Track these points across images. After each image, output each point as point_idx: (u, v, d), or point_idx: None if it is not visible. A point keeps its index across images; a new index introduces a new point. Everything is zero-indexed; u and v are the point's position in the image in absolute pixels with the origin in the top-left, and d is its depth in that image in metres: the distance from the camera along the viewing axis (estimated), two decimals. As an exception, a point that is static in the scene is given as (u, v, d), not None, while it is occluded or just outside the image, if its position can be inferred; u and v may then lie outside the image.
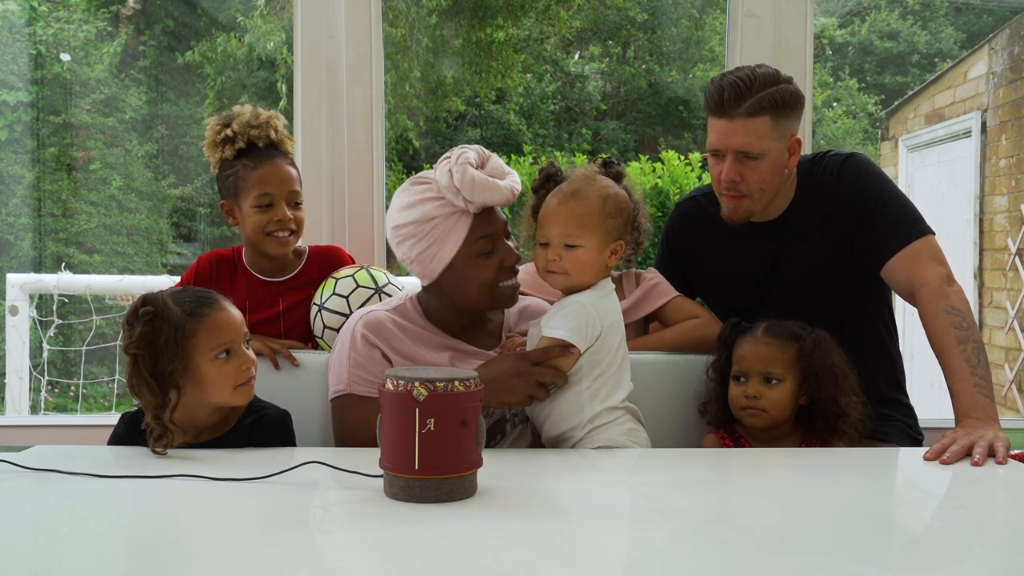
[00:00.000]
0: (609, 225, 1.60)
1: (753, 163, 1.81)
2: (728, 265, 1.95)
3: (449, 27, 8.63)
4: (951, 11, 10.73)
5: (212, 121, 1.94)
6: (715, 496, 1.32)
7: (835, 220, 1.87)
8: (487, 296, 1.64)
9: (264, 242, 1.93)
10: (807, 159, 1.95)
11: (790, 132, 1.84)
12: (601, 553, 1.06)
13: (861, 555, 1.04)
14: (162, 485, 1.29)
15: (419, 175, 1.64)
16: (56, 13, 7.29)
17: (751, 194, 1.84)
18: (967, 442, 1.48)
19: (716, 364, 1.79)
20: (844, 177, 1.88)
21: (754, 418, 1.70)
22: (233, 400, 1.53)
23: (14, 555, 1.03)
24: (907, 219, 1.84)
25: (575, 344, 1.55)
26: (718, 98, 1.80)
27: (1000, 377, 5.09)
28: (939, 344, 1.71)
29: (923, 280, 1.77)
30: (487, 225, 1.61)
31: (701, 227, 1.99)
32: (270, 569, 0.99)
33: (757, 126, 1.78)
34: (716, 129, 1.82)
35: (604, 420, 1.59)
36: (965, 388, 1.63)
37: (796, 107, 1.83)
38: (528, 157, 6.27)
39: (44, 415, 4.39)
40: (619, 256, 1.64)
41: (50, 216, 7.07)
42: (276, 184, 1.91)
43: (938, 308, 1.72)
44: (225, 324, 1.52)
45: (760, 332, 1.73)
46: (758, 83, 1.78)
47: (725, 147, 1.81)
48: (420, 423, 1.17)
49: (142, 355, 1.46)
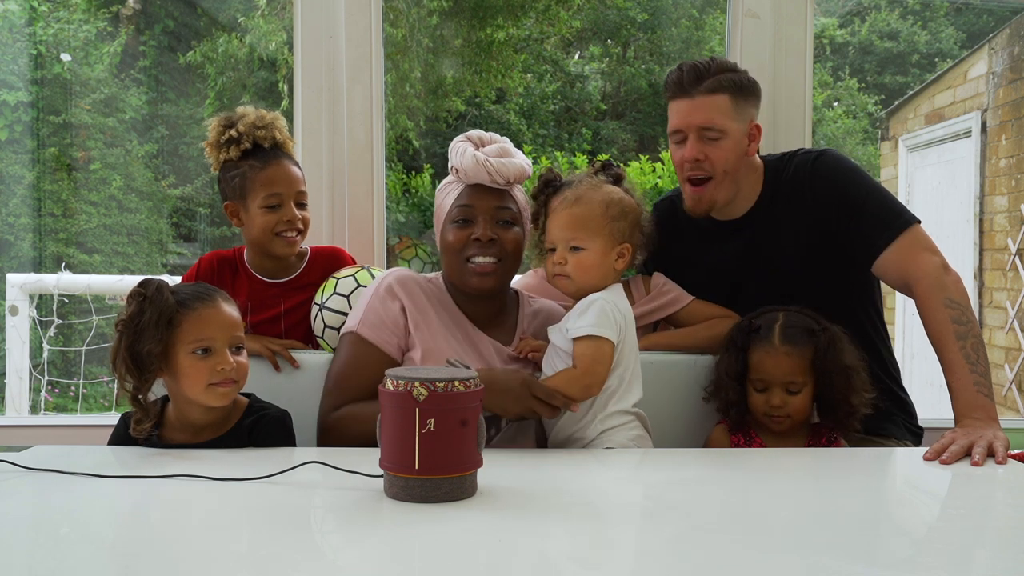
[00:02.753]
0: (613, 228, 1.62)
1: (715, 143, 1.84)
2: (701, 264, 1.96)
3: (449, 27, 8.62)
4: (951, 11, 10.73)
5: (214, 122, 1.94)
6: (716, 496, 1.32)
7: (811, 218, 1.87)
8: (456, 268, 1.71)
9: (272, 243, 1.93)
10: (775, 158, 1.97)
11: (749, 117, 1.88)
12: (602, 553, 1.06)
13: (861, 555, 1.04)
14: (162, 485, 1.29)
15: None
16: (56, 13, 7.29)
17: (715, 174, 1.86)
18: (966, 442, 1.48)
19: (731, 367, 1.75)
20: (819, 173, 1.89)
21: (779, 424, 1.72)
22: (206, 399, 1.51)
23: (14, 555, 1.03)
24: (891, 211, 1.84)
25: (607, 337, 1.56)
26: (678, 79, 1.87)
27: (1000, 377, 5.09)
28: (938, 339, 1.70)
29: (919, 272, 1.76)
30: (471, 197, 1.71)
31: (675, 227, 2.00)
32: (270, 569, 0.99)
33: (718, 103, 1.83)
34: (677, 110, 1.88)
35: (614, 423, 1.59)
36: (965, 386, 1.63)
37: (753, 93, 1.89)
38: (528, 157, 6.27)
39: (44, 415, 4.39)
40: (627, 260, 1.66)
41: (50, 216, 7.07)
42: (284, 184, 1.92)
43: (937, 301, 1.72)
44: (210, 321, 1.51)
45: (777, 339, 1.70)
46: (716, 66, 1.86)
47: (687, 125, 1.85)
48: (420, 423, 1.17)
49: (126, 332, 1.49)
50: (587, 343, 1.56)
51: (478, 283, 1.70)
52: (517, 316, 1.81)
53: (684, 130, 1.86)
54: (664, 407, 1.84)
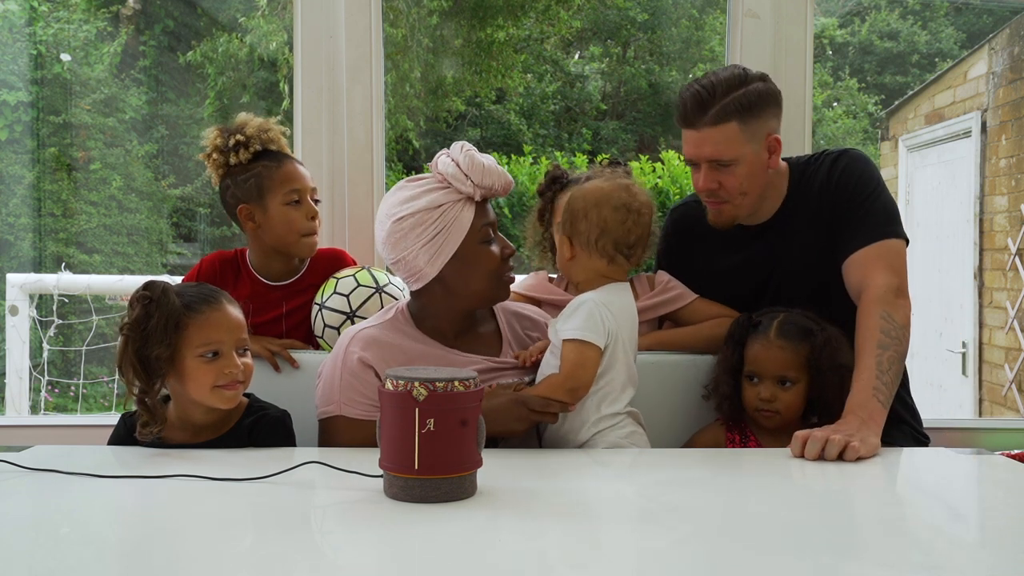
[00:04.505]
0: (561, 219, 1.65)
1: (727, 169, 1.79)
2: (723, 269, 1.95)
3: (449, 27, 8.63)
4: (951, 11, 10.73)
5: (213, 132, 1.93)
6: (716, 496, 1.32)
7: (824, 213, 1.86)
8: (492, 286, 1.65)
9: (296, 242, 1.93)
10: (802, 160, 1.94)
11: (765, 132, 1.80)
12: (602, 553, 1.06)
13: (861, 555, 1.04)
14: (162, 485, 1.29)
15: (408, 179, 1.64)
16: (56, 13, 7.30)
17: (731, 199, 1.83)
18: (823, 435, 1.47)
19: (727, 361, 1.78)
20: (836, 168, 1.87)
21: (768, 419, 1.72)
22: (211, 400, 1.51)
23: (14, 555, 1.03)
24: (881, 219, 1.81)
25: (593, 342, 1.55)
26: (683, 110, 1.80)
27: (1000, 377, 5.09)
28: (860, 345, 1.67)
29: (871, 283, 1.74)
30: (487, 214, 1.63)
31: (695, 232, 1.98)
32: (270, 569, 0.99)
33: (725, 133, 1.76)
34: (687, 140, 1.82)
35: (607, 424, 1.59)
36: (863, 387, 1.60)
37: (767, 106, 1.80)
38: (528, 157, 6.27)
39: (44, 415, 4.39)
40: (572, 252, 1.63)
41: (50, 216, 7.08)
42: (301, 181, 1.94)
43: (874, 311, 1.69)
44: (217, 325, 1.51)
45: (773, 333, 1.73)
46: (720, 90, 1.76)
47: (697, 157, 1.81)
48: (420, 423, 1.17)
49: (132, 336, 1.48)
50: (572, 346, 1.56)
51: (507, 294, 1.69)
52: (496, 322, 1.77)
53: (695, 160, 1.83)
54: (664, 407, 1.84)
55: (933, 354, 5.66)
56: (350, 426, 1.59)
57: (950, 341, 5.51)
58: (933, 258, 5.71)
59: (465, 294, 1.65)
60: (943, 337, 5.60)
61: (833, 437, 1.46)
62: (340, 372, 1.61)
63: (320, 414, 1.63)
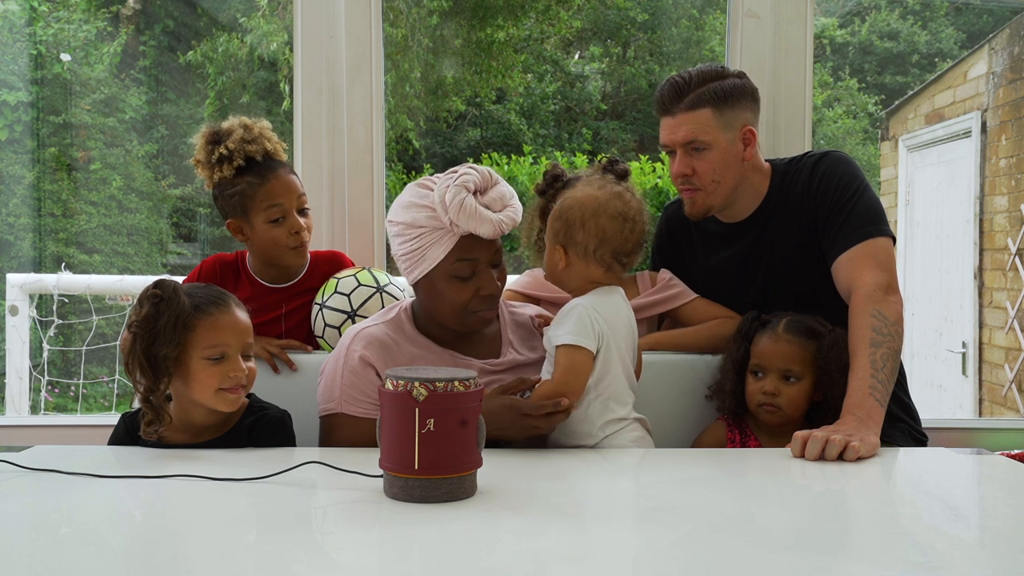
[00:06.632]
0: (553, 229, 1.63)
1: (701, 155, 1.85)
2: (709, 267, 1.97)
3: (449, 27, 8.63)
4: (951, 11, 10.73)
5: (199, 140, 1.90)
6: (716, 496, 1.32)
7: (807, 216, 1.87)
8: (457, 319, 1.62)
9: (284, 256, 1.93)
10: (784, 162, 1.96)
11: (740, 123, 1.86)
12: (602, 553, 1.06)
13: (861, 555, 1.04)
14: (162, 485, 1.29)
15: (427, 178, 1.62)
16: (56, 13, 7.30)
17: (704, 187, 1.87)
18: (823, 435, 1.47)
19: (734, 356, 1.79)
20: (817, 172, 1.88)
21: (770, 415, 1.72)
22: (214, 403, 1.51)
23: (14, 555, 1.03)
24: (866, 218, 1.82)
25: (584, 346, 1.55)
26: (660, 99, 1.88)
27: (1000, 377, 5.09)
28: (853, 345, 1.67)
29: (860, 283, 1.74)
30: (473, 250, 1.57)
31: (685, 230, 2.03)
32: (270, 569, 0.99)
33: (699, 118, 1.83)
34: (664, 127, 1.89)
35: (613, 429, 1.59)
36: (859, 386, 1.61)
37: (742, 98, 1.86)
38: (528, 157, 6.27)
39: (44, 415, 4.38)
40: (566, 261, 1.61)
41: (50, 216, 7.08)
42: (285, 195, 1.91)
43: (865, 310, 1.69)
44: (225, 327, 1.51)
45: (781, 328, 1.74)
46: (696, 80, 1.84)
47: (672, 142, 1.87)
48: (420, 423, 1.17)
49: (141, 334, 1.48)
50: (563, 352, 1.55)
51: (480, 327, 1.66)
52: (499, 325, 1.76)
53: (670, 146, 1.88)
54: (665, 407, 1.84)
55: (933, 354, 5.66)
56: (351, 424, 1.59)
57: (950, 341, 5.51)
58: (933, 258, 5.71)
59: (433, 312, 1.65)
60: (943, 337, 5.60)
61: (833, 437, 1.47)
62: (342, 370, 1.61)
63: (321, 411, 1.64)
